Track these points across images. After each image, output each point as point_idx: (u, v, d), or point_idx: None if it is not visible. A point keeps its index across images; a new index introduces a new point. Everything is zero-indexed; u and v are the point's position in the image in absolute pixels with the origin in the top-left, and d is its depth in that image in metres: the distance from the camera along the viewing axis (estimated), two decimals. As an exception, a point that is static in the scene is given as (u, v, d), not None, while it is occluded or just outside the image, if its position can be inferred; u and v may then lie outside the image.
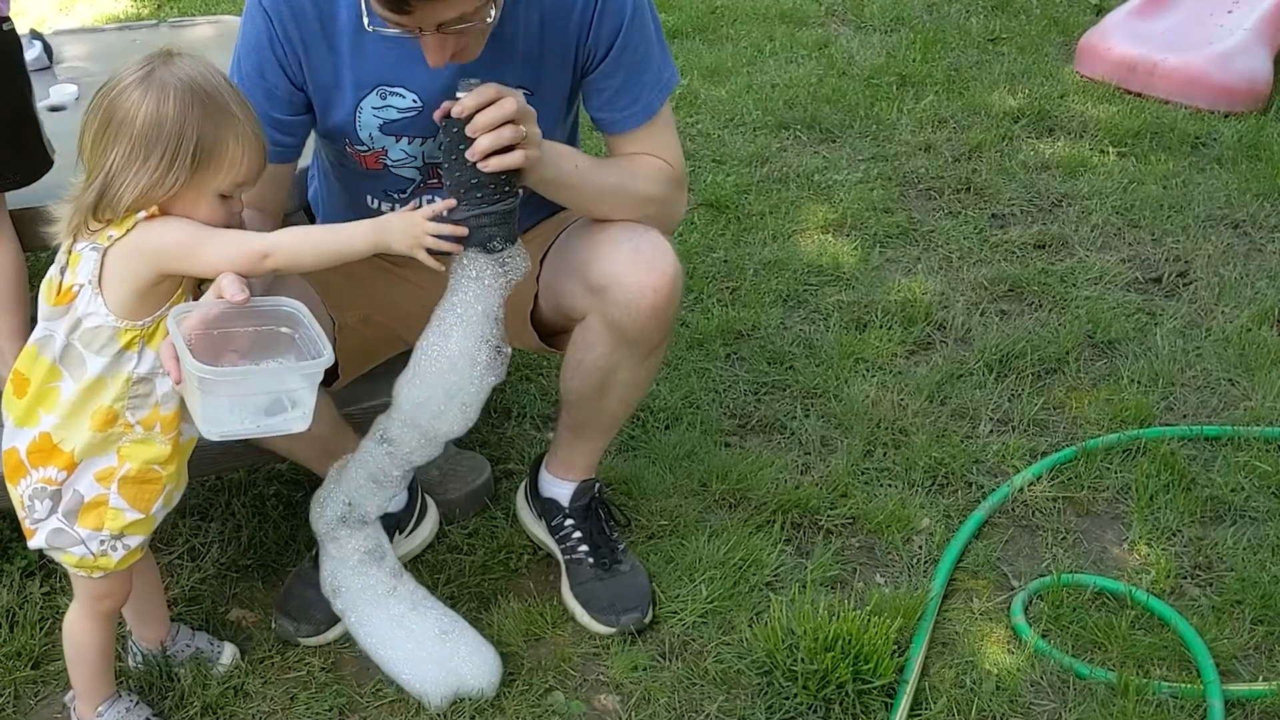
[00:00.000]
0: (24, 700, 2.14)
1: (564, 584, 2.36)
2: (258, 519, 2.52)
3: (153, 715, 2.05)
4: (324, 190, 2.37)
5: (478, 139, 1.81)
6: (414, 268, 1.94)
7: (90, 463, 1.81)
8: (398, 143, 2.10)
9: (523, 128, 1.84)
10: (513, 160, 1.83)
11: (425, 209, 1.85)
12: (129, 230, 1.72)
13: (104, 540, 1.84)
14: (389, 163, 2.13)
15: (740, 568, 2.40)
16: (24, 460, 1.82)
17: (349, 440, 2.24)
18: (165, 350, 1.72)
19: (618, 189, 2.11)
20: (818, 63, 4.82)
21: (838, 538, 2.51)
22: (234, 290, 1.69)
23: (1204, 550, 2.48)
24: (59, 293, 1.77)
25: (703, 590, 2.34)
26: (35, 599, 2.28)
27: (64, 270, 1.78)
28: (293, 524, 2.50)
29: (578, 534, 2.37)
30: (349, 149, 2.13)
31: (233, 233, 1.78)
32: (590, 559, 2.34)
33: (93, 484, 1.82)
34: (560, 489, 2.40)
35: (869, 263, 3.48)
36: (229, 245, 1.75)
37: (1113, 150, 4.13)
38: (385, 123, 2.07)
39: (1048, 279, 3.40)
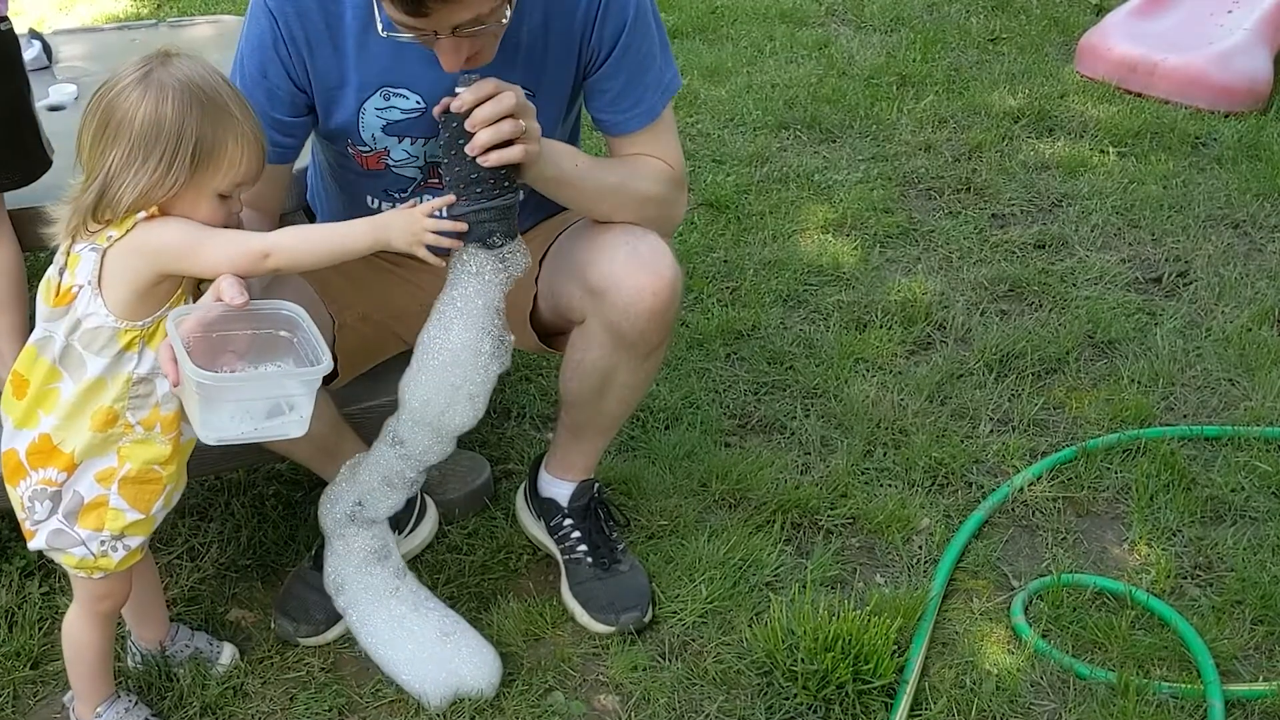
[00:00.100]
0: (23, 700, 2.14)
1: (563, 584, 2.36)
2: (257, 519, 2.51)
3: (152, 715, 2.05)
4: (323, 190, 2.36)
5: (477, 133, 1.80)
6: (414, 266, 1.94)
7: (90, 463, 1.81)
8: (400, 143, 2.10)
9: (522, 122, 1.83)
10: (512, 155, 1.82)
11: (425, 205, 1.84)
12: (128, 231, 1.72)
13: (104, 541, 1.84)
14: (390, 163, 2.13)
15: (740, 568, 2.40)
16: (24, 462, 1.82)
17: (348, 439, 2.25)
18: (164, 353, 1.72)
19: (618, 188, 2.11)
20: (818, 63, 4.81)
21: (838, 538, 2.51)
22: (233, 293, 1.69)
23: (1204, 550, 2.47)
24: (58, 294, 1.77)
25: (702, 590, 2.34)
26: (34, 599, 2.28)
27: (63, 271, 1.78)
28: (292, 524, 2.50)
29: (576, 534, 2.37)
30: (350, 149, 2.12)
31: (232, 233, 1.78)
32: (589, 559, 2.34)
33: (93, 485, 1.82)
34: (559, 489, 2.40)
35: (869, 263, 3.48)
36: (229, 245, 1.75)
37: (1113, 150, 4.12)
38: (388, 123, 2.07)
39: (1048, 279, 3.40)
